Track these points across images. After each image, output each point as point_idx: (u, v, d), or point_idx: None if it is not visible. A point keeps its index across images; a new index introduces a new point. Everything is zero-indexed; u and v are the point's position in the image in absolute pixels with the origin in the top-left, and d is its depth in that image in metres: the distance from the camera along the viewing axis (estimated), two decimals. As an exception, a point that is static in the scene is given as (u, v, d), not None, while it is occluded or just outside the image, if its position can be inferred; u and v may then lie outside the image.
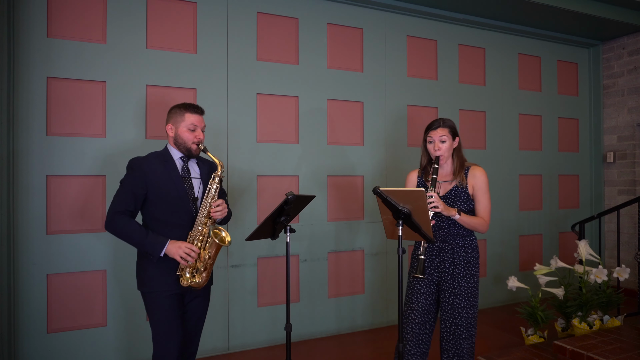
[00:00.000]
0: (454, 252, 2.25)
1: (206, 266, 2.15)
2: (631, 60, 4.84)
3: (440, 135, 2.25)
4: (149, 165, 2.13)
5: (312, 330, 3.69)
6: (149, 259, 2.10)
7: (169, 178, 2.13)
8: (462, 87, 4.40)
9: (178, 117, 2.19)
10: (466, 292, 2.21)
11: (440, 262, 2.27)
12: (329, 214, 3.79)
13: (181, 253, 2.05)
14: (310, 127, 3.72)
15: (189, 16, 3.35)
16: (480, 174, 2.28)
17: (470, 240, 2.28)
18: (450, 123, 2.29)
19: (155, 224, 2.13)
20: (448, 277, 2.24)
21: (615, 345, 2.82)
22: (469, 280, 2.23)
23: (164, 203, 2.12)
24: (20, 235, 2.86)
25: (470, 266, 2.24)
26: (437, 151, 2.24)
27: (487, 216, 2.26)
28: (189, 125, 2.18)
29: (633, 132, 4.80)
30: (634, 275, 4.34)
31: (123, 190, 2.11)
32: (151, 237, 2.05)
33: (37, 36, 2.91)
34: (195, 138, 2.18)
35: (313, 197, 2.28)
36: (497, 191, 4.55)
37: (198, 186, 2.23)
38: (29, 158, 2.89)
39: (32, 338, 2.87)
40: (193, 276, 2.12)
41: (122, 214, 2.07)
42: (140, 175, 2.10)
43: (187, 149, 2.19)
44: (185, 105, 2.22)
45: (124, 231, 2.07)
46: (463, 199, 2.25)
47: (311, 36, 3.75)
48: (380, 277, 3.97)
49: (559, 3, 4.09)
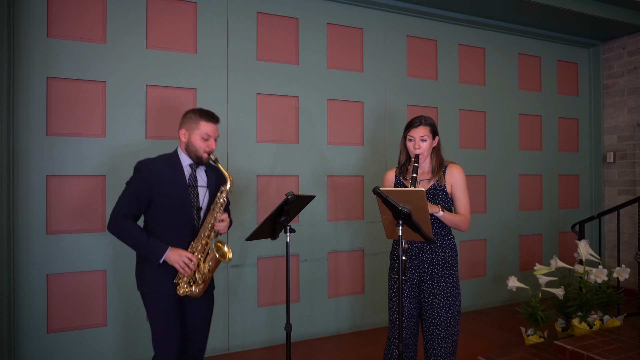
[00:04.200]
0: (432, 252, 2.25)
1: (204, 278, 2.15)
2: (631, 60, 4.83)
3: (421, 134, 2.23)
4: (157, 169, 2.12)
5: (312, 330, 3.69)
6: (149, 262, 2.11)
7: (175, 185, 2.13)
8: (462, 87, 4.40)
9: (193, 123, 2.17)
10: (445, 291, 2.22)
11: (420, 262, 2.27)
12: (329, 214, 3.79)
13: (180, 262, 2.06)
14: (310, 127, 3.72)
15: (189, 16, 3.35)
16: (458, 172, 2.28)
17: (448, 239, 2.28)
18: (431, 121, 2.28)
19: (156, 226, 2.14)
20: (427, 277, 2.25)
21: (615, 345, 2.82)
22: (447, 280, 2.23)
23: (167, 208, 2.12)
24: (20, 235, 2.86)
25: (448, 266, 2.25)
26: (417, 149, 2.23)
27: (468, 213, 2.27)
28: (203, 134, 2.16)
29: (633, 132, 4.80)
30: (634, 275, 4.34)
31: (128, 192, 2.10)
32: (152, 243, 2.06)
33: (37, 36, 2.91)
34: (207, 147, 2.17)
35: (313, 197, 2.29)
36: (497, 191, 4.55)
37: (203, 195, 2.22)
38: (29, 158, 2.89)
39: (32, 338, 2.87)
40: (190, 285, 2.12)
41: (126, 217, 2.07)
42: (147, 178, 2.09)
43: (198, 157, 2.18)
44: (201, 112, 2.20)
45: (126, 234, 2.07)
46: (442, 197, 2.26)
47: (311, 36, 3.75)
48: (380, 277, 3.97)
49: (559, 3, 4.09)
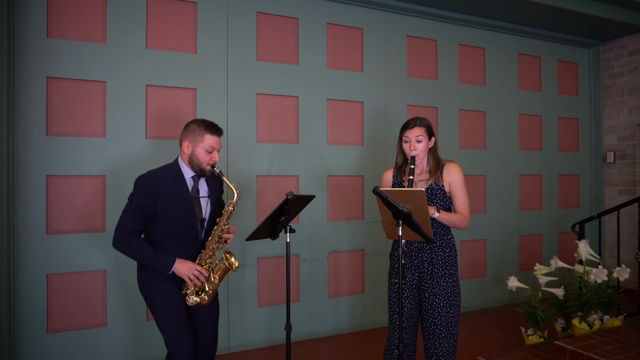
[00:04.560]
0: (432, 252, 2.25)
1: (213, 287, 2.19)
2: (631, 60, 4.83)
3: (417, 135, 2.22)
4: (161, 182, 2.11)
5: (312, 330, 3.69)
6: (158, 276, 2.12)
7: (179, 198, 2.13)
8: (462, 87, 4.40)
9: (197, 136, 2.14)
10: (445, 291, 2.21)
11: (420, 263, 2.26)
12: (329, 214, 3.79)
13: (191, 275, 2.08)
14: (310, 127, 3.72)
15: (189, 16, 3.35)
16: (456, 170, 2.26)
17: (447, 239, 2.27)
18: (426, 122, 2.27)
19: (161, 238, 2.14)
20: (427, 277, 2.24)
21: (615, 345, 2.82)
22: (447, 279, 2.22)
23: (172, 221, 2.12)
24: (20, 235, 2.86)
25: (448, 265, 2.24)
26: (413, 151, 2.22)
27: (466, 212, 2.25)
28: (207, 147, 2.14)
29: (633, 132, 4.80)
30: (634, 275, 4.34)
31: (132, 208, 2.08)
32: (160, 257, 2.06)
33: (37, 36, 2.91)
34: (211, 160, 2.16)
35: (313, 197, 2.29)
36: (497, 191, 4.55)
37: (205, 205, 2.23)
38: (29, 158, 2.89)
39: (32, 338, 2.87)
40: (198, 294, 2.15)
41: (131, 233, 2.07)
42: (150, 194, 2.08)
43: (201, 169, 2.17)
44: (205, 124, 2.16)
45: (133, 251, 2.08)
46: (439, 197, 2.24)
47: (311, 36, 3.75)
48: (380, 277, 3.97)
49: (559, 3, 4.09)
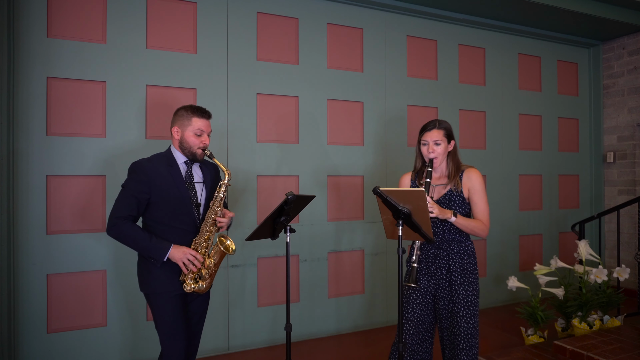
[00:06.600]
0: (449, 258, 2.16)
1: (211, 273, 2.17)
2: (631, 60, 4.83)
3: (435, 138, 2.16)
4: (154, 168, 2.12)
5: (312, 330, 3.69)
6: (152, 262, 2.11)
7: (173, 183, 2.13)
8: (462, 87, 4.40)
9: (185, 120, 2.16)
10: (465, 300, 2.11)
11: (436, 269, 2.17)
12: (329, 214, 3.79)
13: (185, 260, 2.06)
14: (310, 127, 3.72)
15: (189, 16, 3.35)
16: (476, 175, 2.18)
17: (466, 245, 2.18)
18: (445, 125, 2.20)
19: (157, 226, 2.13)
20: (445, 284, 2.15)
21: (615, 345, 2.82)
22: (467, 288, 2.12)
23: (166, 207, 2.12)
24: (20, 235, 2.86)
25: (467, 273, 2.14)
26: (431, 154, 2.16)
27: (486, 219, 2.15)
28: (196, 130, 2.15)
29: (633, 132, 4.79)
30: (634, 275, 4.34)
31: (125, 195, 2.09)
32: (155, 242, 2.05)
33: (37, 36, 2.91)
34: (201, 143, 2.17)
35: (313, 197, 2.28)
36: (497, 191, 4.55)
37: (201, 191, 2.22)
38: (29, 158, 2.89)
39: (32, 338, 2.87)
40: (196, 282, 2.13)
41: (125, 219, 2.06)
42: (143, 179, 2.08)
43: (192, 153, 2.17)
44: (192, 108, 2.18)
45: (127, 237, 2.06)
46: (458, 203, 2.17)
47: (311, 36, 3.75)
48: (380, 277, 3.97)
49: (559, 3, 4.09)
